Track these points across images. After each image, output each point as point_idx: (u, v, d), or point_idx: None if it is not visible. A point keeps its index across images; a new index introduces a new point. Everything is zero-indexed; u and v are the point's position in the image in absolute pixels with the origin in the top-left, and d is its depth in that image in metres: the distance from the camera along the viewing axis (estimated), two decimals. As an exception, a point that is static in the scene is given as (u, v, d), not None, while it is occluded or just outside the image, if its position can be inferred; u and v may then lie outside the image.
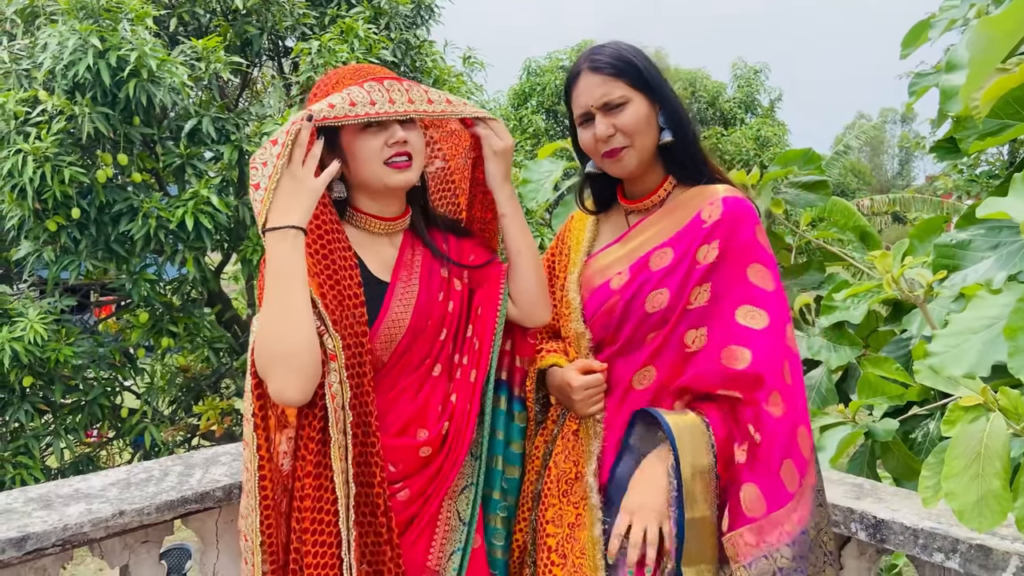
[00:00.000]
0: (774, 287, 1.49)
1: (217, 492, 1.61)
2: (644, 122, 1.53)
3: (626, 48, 1.57)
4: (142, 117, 4.53)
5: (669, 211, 1.59)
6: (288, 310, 1.32)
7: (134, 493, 1.56)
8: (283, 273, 1.33)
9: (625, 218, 1.67)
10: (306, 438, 1.38)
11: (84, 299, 6.10)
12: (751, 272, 1.48)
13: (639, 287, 1.54)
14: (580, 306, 1.63)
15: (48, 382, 4.92)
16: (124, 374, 5.49)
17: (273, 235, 1.34)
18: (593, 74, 1.54)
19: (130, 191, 4.67)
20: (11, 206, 4.40)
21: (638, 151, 1.53)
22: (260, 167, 1.36)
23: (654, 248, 1.56)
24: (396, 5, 5.67)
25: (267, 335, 1.33)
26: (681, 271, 1.50)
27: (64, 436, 5.03)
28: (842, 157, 15.67)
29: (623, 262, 1.59)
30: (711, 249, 1.49)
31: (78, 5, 4.17)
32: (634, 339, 1.55)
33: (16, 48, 4.32)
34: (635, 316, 1.54)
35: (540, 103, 11.52)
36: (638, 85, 1.52)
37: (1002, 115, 1.88)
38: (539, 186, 2.91)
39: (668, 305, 1.50)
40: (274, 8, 5.20)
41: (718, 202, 1.52)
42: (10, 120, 4.13)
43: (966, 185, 9.27)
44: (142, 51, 4.12)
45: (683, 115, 1.58)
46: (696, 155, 1.59)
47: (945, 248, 1.78)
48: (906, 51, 2.59)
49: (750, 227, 1.51)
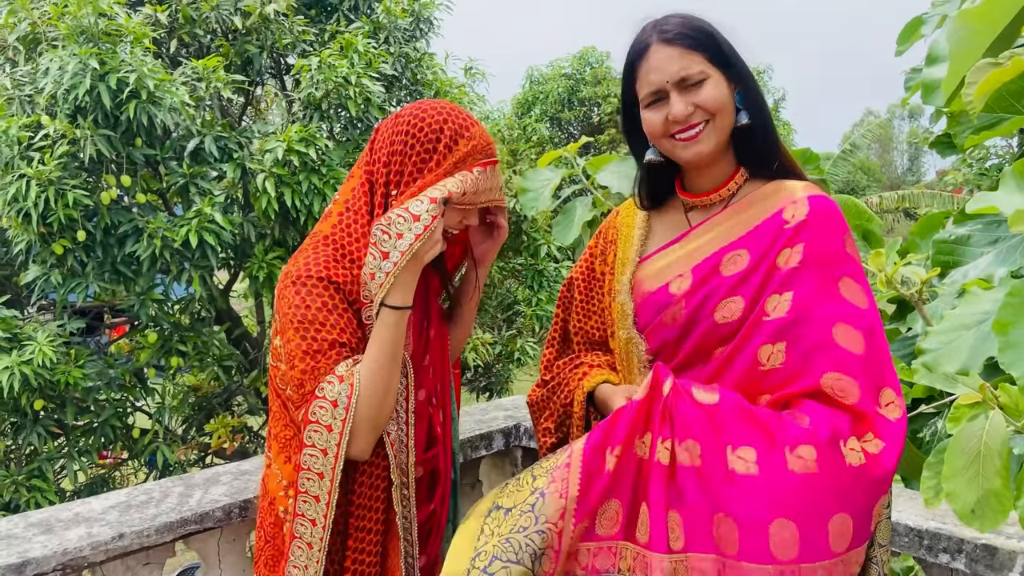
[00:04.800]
0: (868, 305, 1.27)
1: (217, 512, 1.61)
2: (725, 98, 1.32)
3: (698, 19, 1.36)
4: (144, 138, 4.56)
5: (741, 208, 1.38)
6: (391, 385, 1.38)
7: (134, 516, 1.55)
8: (395, 355, 1.38)
9: (685, 215, 1.46)
10: (368, 485, 1.42)
11: (94, 321, 6.13)
12: (843, 287, 1.26)
13: (708, 294, 1.33)
14: (632, 312, 1.44)
15: (60, 405, 4.95)
16: (135, 395, 5.51)
17: (394, 314, 1.37)
18: (666, 46, 1.32)
19: (135, 212, 4.70)
20: (18, 231, 4.44)
21: (717, 131, 1.33)
22: (394, 237, 1.35)
23: (723, 248, 1.35)
24: (395, 19, 5.69)
25: (370, 406, 1.35)
26: (758, 277, 1.30)
27: (77, 458, 5.05)
28: (850, 155, 15.60)
29: (683, 263, 1.40)
30: (794, 253, 1.28)
31: (78, 30, 4.21)
32: (699, 353, 1.35)
33: (18, 74, 4.36)
34: (702, 327, 1.33)
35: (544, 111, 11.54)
36: (717, 60, 1.32)
37: (996, 109, 1.86)
38: (538, 194, 2.90)
39: (742, 315, 1.29)
40: (273, 26, 5.23)
41: (803, 201, 1.32)
42: (13, 145, 4.16)
43: (976, 179, 9.21)
44: (141, 72, 4.15)
45: (761, 97, 1.38)
46: (774, 143, 1.39)
47: (944, 244, 1.76)
48: (901, 48, 2.57)
49: (839, 234, 1.31)
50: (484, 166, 1.46)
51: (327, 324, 1.34)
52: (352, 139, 5.31)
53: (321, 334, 1.34)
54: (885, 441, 1.17)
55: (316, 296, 1.36)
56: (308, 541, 1.34)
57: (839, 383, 1.20)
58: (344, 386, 1.32)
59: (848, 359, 1.21)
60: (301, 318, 1.34)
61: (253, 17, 5.08)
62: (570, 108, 12.87)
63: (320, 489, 1.34)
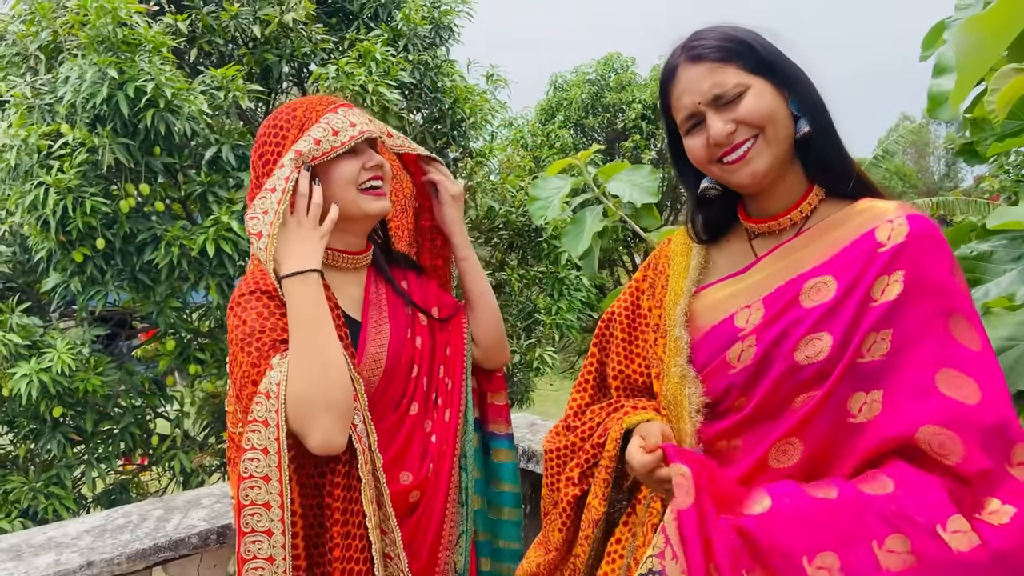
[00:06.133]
0: (982, 347, 1.05)
1: (192, 539, 1.56)
2: (773, 107, 1.15)
3: (730, 28, 1.21)
4: (163, 147, 4.56)
5: (820, 232, 1.18)
6: (329, 355, 1.27)
7: (107, 541, 1.51)
8: (315, 318, 1.28)
9: (750, 243, 1.27)
10: (330, 485, 1.31)
11: (117, 328, 6.17)
12: (954, 325, 1.06)
13: (786, 328, 1.12)
14: (687, 348, 1.23)
15: (80, 412, 4.98)
16: (154, 402, 5.53)
17: (295, 280, 1.29)
18: (694, 64, 1.18)
19: (153, 220, 4.71)
20: (38, 238, 4.47)
21: (771, 144, 1.16)
22: (261, 216, 1.32)
23: (803, 275, 1.15)
24: (414, 27, 5.66)
25: (310, 384, 1.24)
26: (849, 309, 1.09)
27: (96, 465, 5.08)
28: (881, 161, 15.31)
29: (750, 293, 1.20)
30: (892, 283, 1.08)
31: (98, 39, 4.23)
32: (774, 401, 1.13)
33: (39, 83, 4.39)
34: (778, 368, 1.12)
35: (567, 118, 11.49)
36: (755, 67, 1.16)
37: (1020, 115, 1.77)
38: (547, 203, 2.84)
39: (829, 356, 1.08)
40: (293, 35, 5.22)
41: (901, 220, 1.12)
42: (33, 154, 4.19)
43: (1013, 186, 8.98)
44: (159, 81, 4.15)
45: (819, 100, 1.20)
46: (843, 153, 1.21)
47: (965, 261, 1.66)
48: (926, 54, 2.47)
49: (946, 261, 1.10)
50: (333, 111, 1.41)
51: (265, 330, 1.28)
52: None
53: (262, 340, 1.27)
54: (1018, 506, 0.95)
55: (250, 309, 1.30)
56: (268, 555, 1.21)
57: (938, 438, 0.99)
58: (274, 373, 1.23)
59: (954, 409, 1.00)
60: (242, 335, 1.28)
61: (272, 26, 5.08)
62: (594, 114, 12.78)
63: (269, 494, 1.21)
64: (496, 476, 1.65)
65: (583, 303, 6.85)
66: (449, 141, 6.22)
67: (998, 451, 0.99)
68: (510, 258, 7.06)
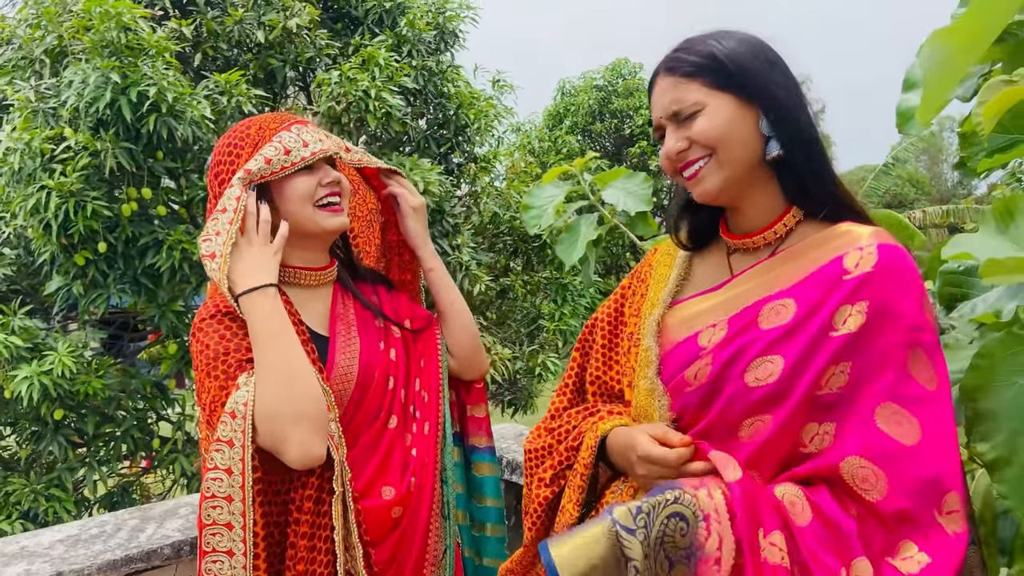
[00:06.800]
0: (937, 386, 1.02)
1: (165, 550, 1.55)
2: (727, 129, 1.13)
3: (714, 37, 1.17)
4: (165, 151, 4.58)
5: (794, 253, 1.16)
6: (294, 368, 1.26)
7: (79, 552, 1.50)
8: (276, 332, 1.27)
9: (727, 259, 1.27)
10: (300, 499, 1.29)
11: (121, 330, 6.19)
12: (912, 359, 1.03)
13: (740, 349, 1.11)
14: (657, 360, 1.22)
15: (81, 415, 4.99)
16: (156, 405, 5.54)
17: (252, 297, 1.29)
18: (666, 76, 1.18)
19: (156, 224, 4.73)
20: (41, 241, 4.49)
21: (723, 166, 1.14)
22: (213, 237, 1.32)
23: (767, 297, 1.13)
24: (419, 32, 5.67)
25: (279, 399, 1.23)
26: (805, 335, 1.06)
27: (97, 468, 5.08)
28: (892, 168, 15.22)
29: (719, 312, 1.19)
30: (855, 313, 1.05)
31: (102, 43, 4.25)
32: (723, 425, 1.12)
33: (43, 87, 4.41)
34: (728, 389, 1.11)
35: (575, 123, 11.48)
36: (723, 84, 1.13)
37: (1012, 129, 1.73)
38: (541, 212, 2.82)
39: (779, 380, 1.06)
40: (297, 40, 5.24)
41: (872, 248, 1.09)
42: (36, 157, 4.21)
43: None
44: (161, 85, 4.17)
45: (800, 121, 1.16)
46: (825, 176, 1.17)
47: (951, 276, 1.63)
48: (923, 61, 2.44)
49: (914, 294, 1.07)
50: (286, 129, 1.40)
51: (230, 351, 1.27)
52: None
53: (227, 362, 1.26)
54: (933, 557, 0.93)
55: (211, 333, 1.29)
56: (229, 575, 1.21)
57: (862, 471, 0.98)
58: (241, 392, 1.22)
59: (885, 445, 0.98)
60: (207, 360, 1.27)
61: (276, 31, 5.09)
62: (601, 120, 12.75)
63: (231, 514, 1.20)
64: (479, 491, 1.63)
65: (587, 309, 6.82)
66: (453, 147, 6.22)
67: (928, 496, 0.96)
68: (514, 264, 7.05)
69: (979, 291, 1.59)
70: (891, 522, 0.96)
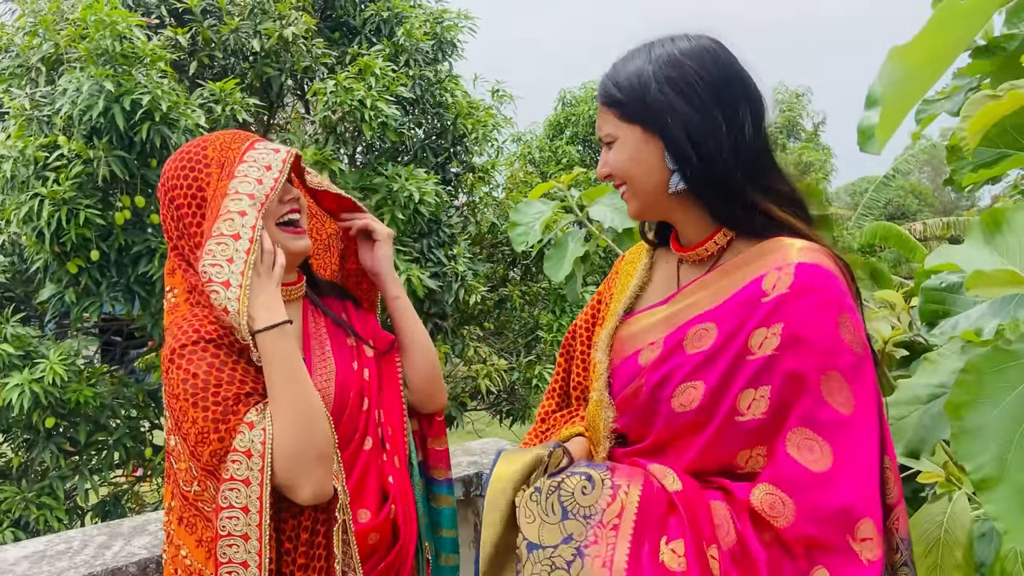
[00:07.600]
0: (852, 411, 1.00)
1: (131, 568, 1.52)
2: (631, 163, 1.15)
3: (637, 64, 1.16)
4: (159, 159, 4.57)
5: (728, 270, 1.15)
6: (315, 408, 1.25)
7: (43, 568, 1.48)
8: (295, 373, 1.25)
9: (676, 270, 1.27)
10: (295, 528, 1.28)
11: (115, 337, 6.18)
12: (826, 384, 1.01)
13: (668, 373, 1.12)
14: (606, 374, 1.22)
15: (73, 423, 4.97)
16: (148, 413, 5.52)
17: (271, 334, 1.24)
18: (599, 101, 1.22)
19: (148, 232, 4.72)
20: (34, 249, 4.48)
21: (637, 195, 1.17)
22: (225, 264, 1.24)
23: (693, 319, 1.14)
24: (416, 42, 5.66)
25: (298, 440, 1.21)
26: (724, 361, 1.06)
27: (89, 477, 5.06)
28: (893, 180, 15.19)
29: (661, 329, 1.19)
30: (771, 336, 1.04)
31: (97, 52, 4.25)
32: (669, 438, 1.13)
33: (38, 95, 4.42)
34: (662, 413, 1.12)
35: (575, 133, 11.47)
36: (631, 116, 1.14)
37: (999, 143, 1.71)
38: (528, 228, 2.79)
39: (700, 406, 1.07)
40: (293, 49, 5.24)
41: (789, 269, 1.06)
42: (30, 165, 4.21)
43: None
44: (155, 94, 4.16)
45: (711, 149, 1.11)
46: (747, 199, 1.13)
47: (934, 292, 1.61)
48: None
49: (831, 314, 1.03)
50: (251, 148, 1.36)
51: (223, 382, 1.22)
52: (369, 163, 5.27)
53: (221, 394, 1.21)
54: None
55: (198, 361, 1.23)
56: None
57: (770, 499, 0.98)
58: (256, 432, 1.19)
59: (793, 471, 0.98)
60: (194, 389, 1.21)
61: (272, 40, 5.09)
62: (601, 130, 12.69)
63: (248, 553, 1.19)
64: (437, 522, 1.62)
65: (585, 320, 6.80)
66: (451, 156, 6.21)
67: (840, 523, 0.95)
68: (512, 274, 7.03)
69: (961, 308, 1.56)
70: (798, 549, 0.96)
